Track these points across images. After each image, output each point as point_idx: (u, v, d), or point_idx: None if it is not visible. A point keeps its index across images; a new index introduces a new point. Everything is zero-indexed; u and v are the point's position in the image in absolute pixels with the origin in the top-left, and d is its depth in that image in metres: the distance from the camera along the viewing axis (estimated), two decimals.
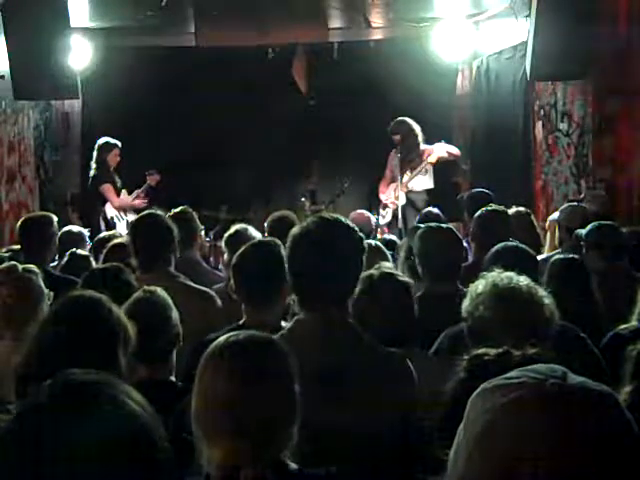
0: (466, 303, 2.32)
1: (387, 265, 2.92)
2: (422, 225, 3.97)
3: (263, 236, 4.42)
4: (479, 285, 2.32)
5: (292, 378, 1.67)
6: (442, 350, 2.81)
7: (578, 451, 0.88)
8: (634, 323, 2.99)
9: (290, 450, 1.64)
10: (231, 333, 1.73)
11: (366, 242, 3.71)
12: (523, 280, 2.30)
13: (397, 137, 7.47)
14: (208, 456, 1.61)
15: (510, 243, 3.49)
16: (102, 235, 4.82)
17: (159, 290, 2.69)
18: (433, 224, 3.75)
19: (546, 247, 5.19)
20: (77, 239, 4.97)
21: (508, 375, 0.97)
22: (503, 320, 2.20)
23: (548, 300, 2.27)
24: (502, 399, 0.93)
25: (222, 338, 1.71)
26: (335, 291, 2.16)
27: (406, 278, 2.85)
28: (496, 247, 3.32)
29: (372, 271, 2.73)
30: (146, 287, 2.72)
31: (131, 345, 2.12)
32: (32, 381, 1.20)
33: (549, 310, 2.26)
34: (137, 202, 7.67)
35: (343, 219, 2.23)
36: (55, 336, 2.05)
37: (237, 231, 4.10)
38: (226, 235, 4.12)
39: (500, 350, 1.75)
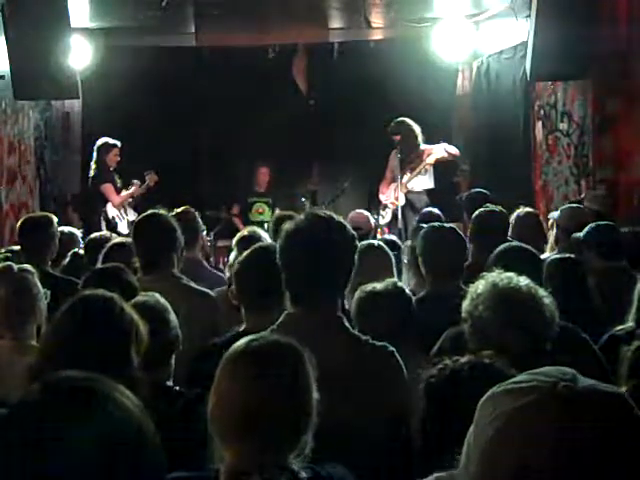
0: (466, 303, 2.32)
1: (391, 280, 2.94)
2: (425, 225, 3.97)
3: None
4: (479, 285, 2.31)
5: (309, 385, 1.67)
6: (444, 351, 2.81)
7: (591, 453, 0.88)
8: (630, 324, 2.99)
9: (306, 458, 1.63)
10: (250, 337, 1.73)
11: (369, 242, 3.74)
12: (523, 280, 2.29)
13: (397, 137, 7.47)
14: (220, 457, 1.62)
15: (514, 243, 3.47)
16: (93, 236, 4.79)
17: (156, 294, 2.69)
18: (436, 224, 3.74)
19: (548, 246, 5.18)
20: (67, 240, 4.95)
21: (518, 379, 0.97)
22: (503, 320, 2.20)
23: (548, 300, 2.26)
24: (514, 403, 0.93)
25: (242, 342, 1.71)
26: (326, 287, 2.18)
27: (408, 291, 2.90)
28: (500, 247, 3.30)
29: (377, 287, 2.78)
30: (143, 292, 2.71)
31: (144, 345, 2.12)
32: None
33: (549, 311, 2.25)
34: (133, 189, 7.65)
35: (336, 216, 2.25)
36: (69, 335, 2.05)
37: (248, 234, 4.10)
38: (237, 237, 4.12)
39: (449, 367, 1.79)
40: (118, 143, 7.63)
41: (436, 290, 3.37)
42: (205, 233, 6.70)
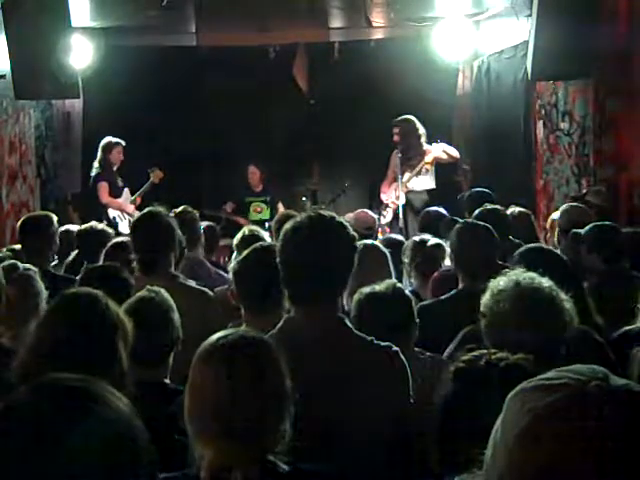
0: (486, 298, 2.29)
1: (391, 282, 2.92)
2: (460, 221, 3.92)
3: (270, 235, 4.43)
4: (500, 282, 2.28)
5: (282, 376, 1.67)
6: (459, 352, 2.76)
7: (621, 454, 0.87)
8: None
9: (283, 447, 1.64)
10: (220, 334, 1.74)
11: (364, 242, 3.74)
12: (545, 282, 2.27)
13: (397, 130, 7.46)
14: (200, 456, 1.62)
15: (539, 245, 3.41)
16: (83, 227, 4.75)
17: (163, 291, 2.68)
18: (470, 220, 3.71)
19: (550, 246, 5.17)
20: (73, 239, 4.95)
21: (547, 375, 0.96)
22: (523, 319, 2.17)
23: (569, 305, 2.24)
24: (543, 400, 0.92)
25: (212, 338, 1.72)
26: (326, 287, 2.16)
27: (407, 292, 2.88)
28: (523, 248, 3.23)
29: (376, 289, 2.76)
30: (150, 287, 2.70)
31: (130, 342, 2.12)
32: (32, 380, 1.21)
33: (569, 315, 2.22)
34: (129, 208, 7.63)
35: (336, 216, 2.24)
36: (53, 334, 2.04)
37: (249, 234, 4.10)
38: (237, 237, 4.12)
39: (485, 358, 1.76)
40: (122, 141, 7.62)
41: (467, 288, 3.32)
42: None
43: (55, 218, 4.50)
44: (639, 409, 0.91)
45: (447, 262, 4.00)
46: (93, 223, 4.92)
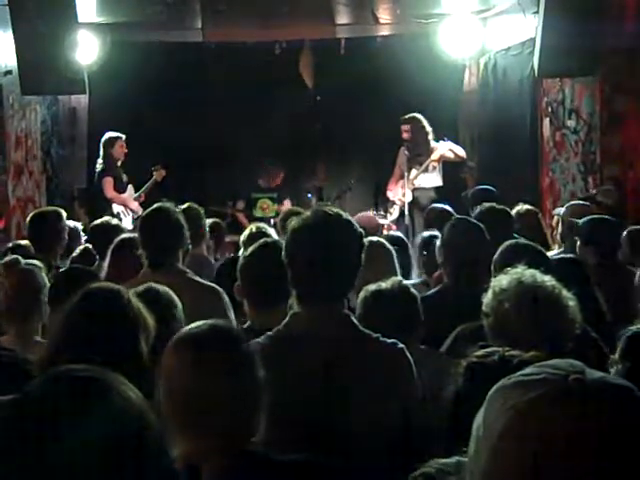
0: (488, 298, 2.27)
1: (396, 279, 2.92)
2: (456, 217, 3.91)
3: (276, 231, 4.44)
4: (502, 281, 2.26)
5: (253, 367, 1.67)
6: (455, 351, 2.77)
7: (602, 446, 0.88)
8: None
9: (260, 438, 1.63)
10: (193, 324, 1.74)
11: (370, 239, 3.74)
12: (548, 280, 2.25)
13: (406, 127, 7.46)
14: (177, 447, 1.61)
15: (521, 240, 3.41)
16: (97, 222, 4.75)
17: (166, 287, 2.68)
18: (463, 218, 3.72)
19: (555, 244, 5.16)
20: (72, 235, 4.95)
21: (527, 371, 0.96)
22: (529, 319, 2.16)
23: (572, 302, 2.23)
24: (524, 396, 0.92)
25: (185, 328, 1.73)
26: (333, 285, 2.14)
27: (414, 290, 2.88)
28: (507, 244, 3.19)
29: (382, 286, 2.76)
30: (152, 283, 2.71)
31: (151, 337, 2.13)
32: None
33: (573, 312, 2.22)
34: (132, 204, 7.64)
35: (343, 214, 2.21)
36: (77, 329, 2.06)
37: (256, 231, 4.09)
38: (245, 234, 4.11)
39: (498, 354, 1.76)
40: (122, 135, 7.63)
41: (453, 286, 3.33)
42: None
43: (64, 213, 4.51)
44: (617, 401, 0.91)
45: None
46: (107, 218, 4.92)
